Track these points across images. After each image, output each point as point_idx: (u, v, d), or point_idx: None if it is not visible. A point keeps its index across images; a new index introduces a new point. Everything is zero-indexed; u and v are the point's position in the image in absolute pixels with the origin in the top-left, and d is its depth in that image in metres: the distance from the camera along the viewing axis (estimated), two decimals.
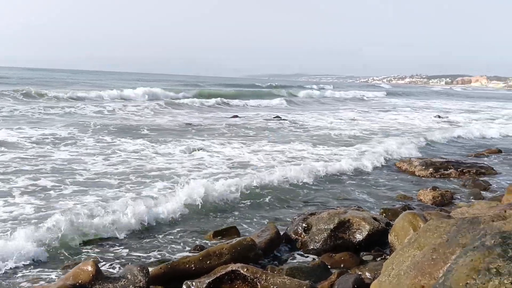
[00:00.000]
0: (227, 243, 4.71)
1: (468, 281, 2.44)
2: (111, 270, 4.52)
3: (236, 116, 20.62)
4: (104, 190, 7.18)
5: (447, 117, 24.63)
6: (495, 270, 2.39)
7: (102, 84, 43.09)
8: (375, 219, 5.56)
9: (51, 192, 7.01)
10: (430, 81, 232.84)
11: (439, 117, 24.41)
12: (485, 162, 10.84)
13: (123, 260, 4.78)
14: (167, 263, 4.25)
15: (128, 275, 3.82)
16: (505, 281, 2.34)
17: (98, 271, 3.77)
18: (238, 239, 4.85)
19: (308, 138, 14.18)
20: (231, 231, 5.74)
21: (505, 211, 4.70)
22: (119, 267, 4.56)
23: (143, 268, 3.89)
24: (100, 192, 7.05)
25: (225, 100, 28.42)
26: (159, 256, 4.95)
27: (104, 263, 4.66)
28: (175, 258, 4.69)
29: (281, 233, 5.59)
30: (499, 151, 12.80)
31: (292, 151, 11.47)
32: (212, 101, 27.07)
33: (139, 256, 4.96)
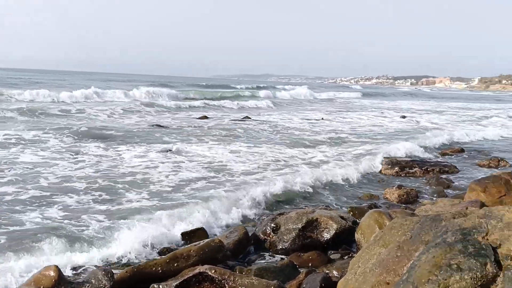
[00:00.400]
0: (195, 245, 4.67)
1: (430, 277, 2.48)
2: (75, 274, 4.40)
3: (205, 117, 20.51)
4: (71, 197, 6.92)
5: (417, 119, 25.10)
6: (456, 266, 2.44)
7: (66, 84, 42.11)
8: (342, 217, 5.63)
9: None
10: (396, 82, 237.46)
11: (404, 117, 24.91)
12: (448, 161, 11.11)
13: (88, 264, 4.67)
14: (133, 266, 4.18)
15: (92, 280, 3.74)
16: (466, 277, 2.39)
17: (60, 276, 3.67)
18: (206, 240, 4.81)
19: (280, 139, 14.22)
20: (199, 233, 5.69)
21: (467, 208, 4.83)
22: (83, 271, 4.45)
23: (107, 272, 3.81)
24: (66, 200, 6.81)
25: (196, 102, 28.24)
26: (125, 259, 4.86)
27: (67, 267, 4.53)
28: (141, 261, 4.62)
29: (250, 233, 5.60)
30: (461, 150, 13.14)
31: (269, 153, 11.40)
32: (185, 102, 26.78)
33: (105, 259, 4.85)
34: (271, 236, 5.48)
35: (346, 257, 5.06)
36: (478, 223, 2.65)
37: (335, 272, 4.60)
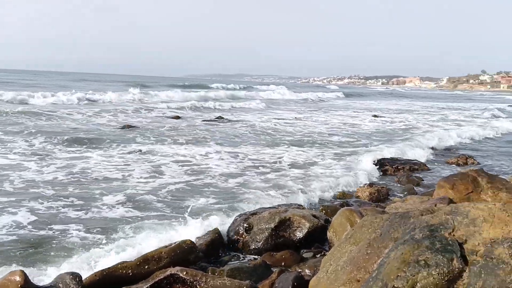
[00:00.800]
0: (166, 247, 4.63)
1: (399, 274, 2.51)
2: (42, 279, 4.29)
3: (178, 117, 20.35)
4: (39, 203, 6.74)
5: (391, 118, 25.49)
6: (423, 262, 2.48)
7: (35, 84, 41.22)
8: (314, 216, 5.65)
9: None
10: (368, 82, 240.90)
11: (376, 116, 25.25)
12: (418, 158, 11.31)
13: (55, 268, 4.56)
14: (102, 269, 4.10)
15: (59, 284, 3.66)
16: (433, 272, 2.43)
17: (26, 280, 3.57)
18: (177, 242, 4.77)
19: (256, 139, 14.21)
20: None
21: (435, 205, 4.91)
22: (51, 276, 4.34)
23: (75, 276, 3.73)
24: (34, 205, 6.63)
25: (170, 102, 27.99)
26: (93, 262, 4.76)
27: (34, 272, 4.42)
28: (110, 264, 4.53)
29: (223, 234, 5.58)
30: (432, 148, 13.41)
31: (247, 154, 11.35)
32: (157, 102, 26.44)
33: (73, 262, 4.74)
34: (244, 236, 5.47)
35: (318, 255, 5.07)
36: (445, 219, 2.70)
37: (307, 271, 4.61)
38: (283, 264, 4.94)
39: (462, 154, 12.00)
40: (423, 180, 9.16)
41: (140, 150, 11.00)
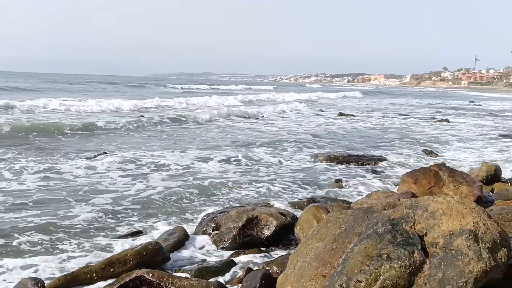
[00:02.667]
0: (132, 249, 4.57)
1: (362, 268, 2.56)
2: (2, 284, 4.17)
3: (142, 116, 20.05)
4: None
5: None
6: (386, 255, 2.53)
7: None
8: (282, 214, 5.68)
9: None
10: (334, 80, 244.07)
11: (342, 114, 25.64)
12: (383, 154, 11.54)
13: (17, 273, 4.43)
14: (65, 273, 4.01)
15: None
16: (395, 265, 2.49)
17: None
18: (143, 244, 4.71)
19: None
20: (137, 236, 5.58)
21: (399, 200, 5.03)
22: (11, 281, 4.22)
23: (37, 281, 3.64)
24: None
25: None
26: (56, 266, 4.66)
27: None
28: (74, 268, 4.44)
29: (190, 234, 5.56)
30: (394, 142, 13.70)
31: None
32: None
33: (35, 266, 4.62)
34: (211, 235, 5.46)
35: (286, 252, 5.12)
36: (406, 213, 2.76)
37: (275, 268, 4.63)
38: (251, 262, 4.95)
39: (425, 149, 12.31)
40: (388, 175, 9.35)
41: (104, 152, 10.82)
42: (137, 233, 5.66)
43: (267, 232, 5.40)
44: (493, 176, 8.44)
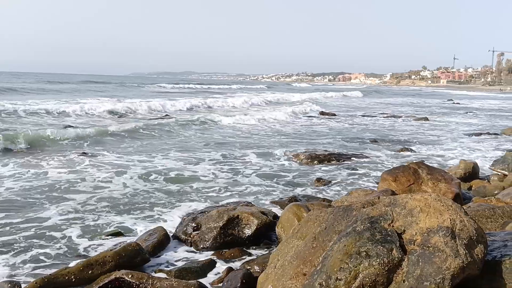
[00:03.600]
0: (111, 250, 4.52)
1: (342, 266, 2.57)
2: None
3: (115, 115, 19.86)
4: None
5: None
6: (365, 253, 2.54)
7: None
8: (263, 213, 5.68)
9: None
10: (315, 79, 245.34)
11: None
12: (363, 153, 11.62)
13: None
14: (43, 276, 3.94)
15: None
16: (374, 263, 2.50)
17: None
18: (122, 244, 4.67)
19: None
20: (117, 237, 5.51)
21: (379, 198, 5.07)
22: None
23: (14, 284, 3.57)
24: None
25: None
26: (34, 269, 4.58)
27: None
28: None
29: (171, 234, 5.52)
30: (374, 141, 13.82)
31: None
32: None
33: (12, 269, 4.53)
34: (192, 235, 5.42)
35: (267, 251, 5.11)
36: (385, 211, 2.78)
37: (256, 267, 4.63)
38: (232, 261, 4.94)
39: (404, 147, 12.44)
40: (368, 173, 9.43)
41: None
42: (117, 234, 5.59)
43: (248, 232, 5.38)
44: (471, 173, 8.58)
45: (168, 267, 4.75)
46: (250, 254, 5.10)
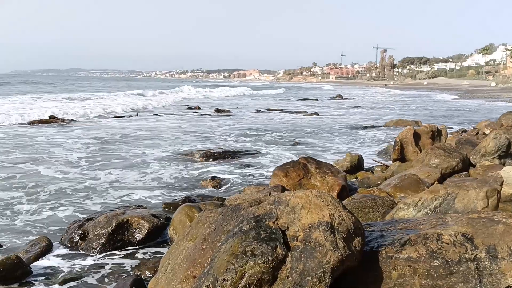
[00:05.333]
0: None
1: (228, 267, 2.57)
2: None
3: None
4: None
5: None
6: (250, 252, 2.57)
7: None
8: (154, 216, 5.55)
9: None
10: (210, 75, 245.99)
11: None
12: (257, 149, 11.87)
13: None
14: None
15: None
16: (259, 261, 2.53)
17: None
18: (0, 258, 4.29)
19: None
20: None
21: (270, 194, 5.18)
22: None
23: None
24: None
25: None
26: None
27: None
28: None
29: (55, 243, 5.19)
30: (260, 135, 14.18)
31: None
32: None
33: None
34: (79, 244, 5.14)
35: (159, 255, 5.00)
36: (269, 209, 2.83)
37: (147, 272, 4.51)
38: (121, 267, 4.75)
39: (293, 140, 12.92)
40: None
41: None
42: None
43: (139, 236, 5.23)
44: (357, 165, 9.13)
45: (52, 278, 4.46)
46: (141, 259, 4.95)
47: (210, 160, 10.33)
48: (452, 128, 16.68)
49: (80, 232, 5.16)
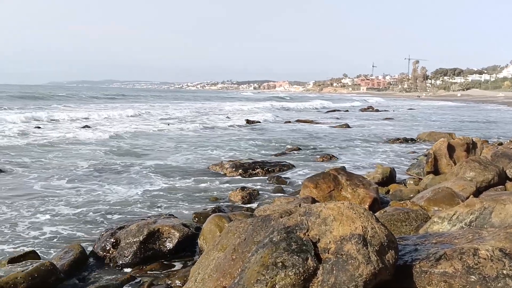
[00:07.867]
0: (22, 271, 4.24)
1: (259, 278, 2.56)
2: None
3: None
4: None
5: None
6: (281, 263, 2.55)
7: None
8: (185, 225, 5.58)
9: None
10: (240, 87, 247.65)
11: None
12: (286, 160, 11.82)
13: None
14: None
15: None
16: (290, 273, 2.51)
17: None
18: (35, 265, 4.39)
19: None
20: (29, 257, 5.16)
21: (300, 205, 5.14)
22: None
23: None
24: None
25: None
26: None
27: None
28: None
29: (88, 251, 5.27)
30: (298, 148, 14.11)
31: None
32: None
33: None
34: (111, 252, 5.21)
35: (189, 264, 5.02)
36: (300, 220, 2.81)
37: (177, 282, 4.53)
38: (153, 277, 4.79)
39: (326, 154, 12.82)
40: (290, 179, 9.59)
41: None
42: (29, 254, 5.23)
43: (169, 245, 5.26)
44: (388, 177, 8.98)
45: (86, 286, 4.53)
46: (171, 269, 4.98)
47: (240, 170, 10.34)
48: (488, 140, 16.24)
49: (112, 240, 5.24)
